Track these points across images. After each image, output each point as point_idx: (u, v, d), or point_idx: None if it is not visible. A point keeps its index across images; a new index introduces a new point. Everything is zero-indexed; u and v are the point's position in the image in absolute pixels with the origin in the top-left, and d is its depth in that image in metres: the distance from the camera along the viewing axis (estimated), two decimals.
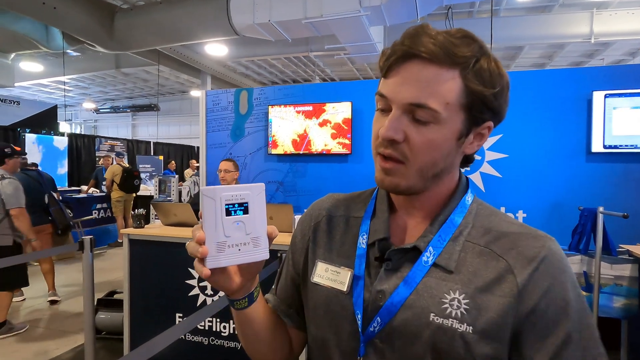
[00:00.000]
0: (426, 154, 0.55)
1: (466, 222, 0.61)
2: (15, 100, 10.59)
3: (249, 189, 0.53)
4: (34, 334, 3.39)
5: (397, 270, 0.59)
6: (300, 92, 3.80)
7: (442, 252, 0.58)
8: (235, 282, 0.58)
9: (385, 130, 0.55)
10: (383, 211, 0.65)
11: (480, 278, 0.56)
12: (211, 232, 0.51)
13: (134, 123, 18.10)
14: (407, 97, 0.54)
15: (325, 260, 0.66)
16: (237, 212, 0.52)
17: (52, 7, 6.43)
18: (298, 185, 3.85)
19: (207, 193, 0.51)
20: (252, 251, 0.53)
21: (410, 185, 0.57)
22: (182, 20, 7.02)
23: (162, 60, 9.76)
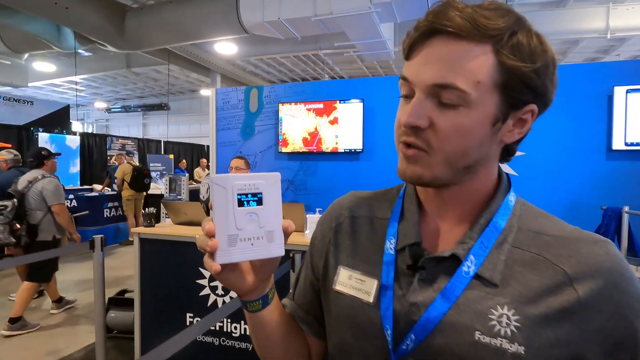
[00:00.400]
0: (454, 141, 0.49)
1: (510, 225, 0.54)
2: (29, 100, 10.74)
3: (264, 178, 0.48)
4: (46, 332, 3.40)
5: (432, 281, 0.52)
6: (311, 90, 3.76)
7: (485, 261, 0.51)
8: (248, 282, 0.53)
9: (407, 116, 0.49)
10: (413, 212, 0.59)
11: (533, 290, 0.49)
12: (222, 224, 0.46)
13: (145, 122, 18.26)
14: (430, 77, 0.48)
15: (349, 267, 0.60)
16: (250, 203, 0.47)
17: (64, 7, 6.47)
18: (309, 184, 3.81)
19: (218, 181, 0.46)
20: (266, 246, 0.48)
21: (436, 176, 0.51)
22: (192, 19, 7.02)
23: (172, 60, 9.80)
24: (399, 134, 0.53)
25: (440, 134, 0.49)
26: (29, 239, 3.42)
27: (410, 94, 0.51)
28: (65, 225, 3.60)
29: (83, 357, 2.94)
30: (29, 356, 2.96)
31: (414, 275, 0.53)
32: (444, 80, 0.47)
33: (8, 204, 3.36)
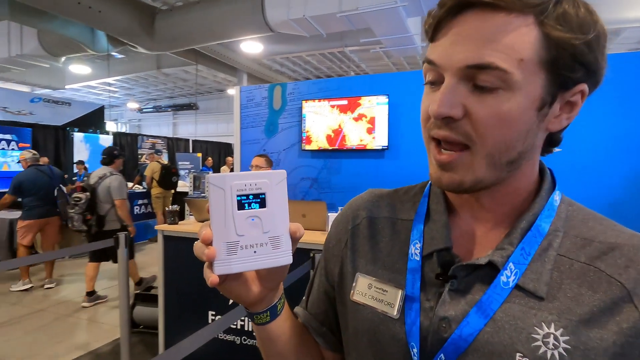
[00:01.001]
0: (496, 132, 0.41)
1: (555, 229, 0.46)
2: (67, 102, 11.23)
3: (267, 176, 0.42)
4: (77, 326, 3.51)
5: (466, 291, 0.45)
6: (335, 86, 3.69)
7: (527, 270, 0.44)
8: (254, 292, 0.47)
9: (437, 105, 0.42)
10: (440, 213, 0.51)
11: (585, 307, 0.41)
12: (220, 230, 0.41)
13: (175, 122, 18.74)
14: (464, 57, 0.41)
15: (369, 274, 0.53)
16: (251, 206, 0.42)
17: (97, 11, 6.70)
18: (332, 182, 3.75)
19: (215, 181, 0.41)
20: (271, 254, 0.42)
21: (478, 179, 0.44)
22: (219, 19, 7.11)
23: (200, 60, 9.97)
24: (427, 127, 0.45)
25: (479, 124, 0.41)
26: (98, 228, 3.81)
27: (438, 79, 0.44)
28: (124, 218, 3.91)
29: (111, 350, 3.01)
30: (62, 348, 3.06)
31: (444, 286, 0.46)
32: (481, 59, 0.40)
33: (82, 196, 3.79)
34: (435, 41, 0.44)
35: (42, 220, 4.38)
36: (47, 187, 4.44)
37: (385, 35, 7.13)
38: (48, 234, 4.50)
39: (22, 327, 3.45)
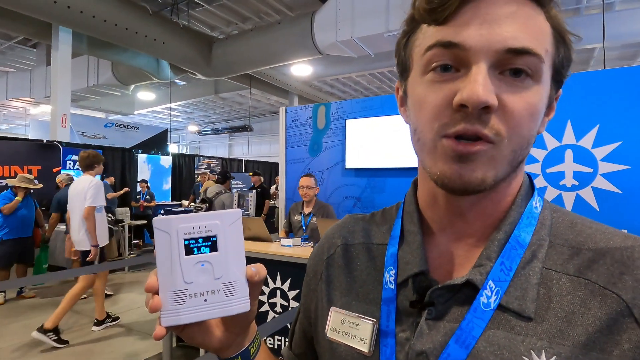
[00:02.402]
0: (525, 126, 0.37)
1: (539, 239, 0.41)
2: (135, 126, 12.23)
3: (218, 217, 0.39)
4: (128, 336, 3.68)
5: (444, 319, 0.40)
6: (379, 104, 3.66)
7: (510, 287, 0.38)
8: (218, 338, 0.43)
9: (479, 91, 0.34)
10: (414, 233, 0.45)
11: (579, 328, 0.35)
12: (166, 278, 0.38)
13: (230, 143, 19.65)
14: (503, 39, 0.35)
15: (343, 307, 0.48)
16: (201, 250, 0.38)
17: (161, 42, 7.30)
18: (376, 201, 3.67)
19: (160, 225, 0.38)
20: (225, 302, 0.38)
21: (498, 177, 0.38)
22: (271, 45, 7.44)
23: (254, 84, 10.44)
24: (441, 123, 0.37)
25: (513, 117, 0.36)
26: None
27: (457, 64, 0.37)
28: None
29: None
30: (111, 357, 3.21)
31: (421, 314, 0.41)
32: (522, 43, 0.35)
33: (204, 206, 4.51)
34: (451, 22, 0.37)
35: None
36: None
37: None
38: None
39: (80, 334, 3.68)
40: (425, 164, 0.40)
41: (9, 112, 13.97)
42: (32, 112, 13.35)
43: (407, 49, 0.42)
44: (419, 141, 0.40)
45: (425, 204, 0.46)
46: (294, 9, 7.66)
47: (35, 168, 6.69)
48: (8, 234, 4.50)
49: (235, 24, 8.24)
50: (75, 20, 6.27)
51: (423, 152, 0.40)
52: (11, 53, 9.86)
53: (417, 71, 0.40)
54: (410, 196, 0.49)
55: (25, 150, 6.83)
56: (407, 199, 0.50)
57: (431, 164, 0.39)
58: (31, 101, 11.02)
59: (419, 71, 0.40)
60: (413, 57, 0.41)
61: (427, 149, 0.39)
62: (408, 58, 0.42)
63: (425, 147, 0.39)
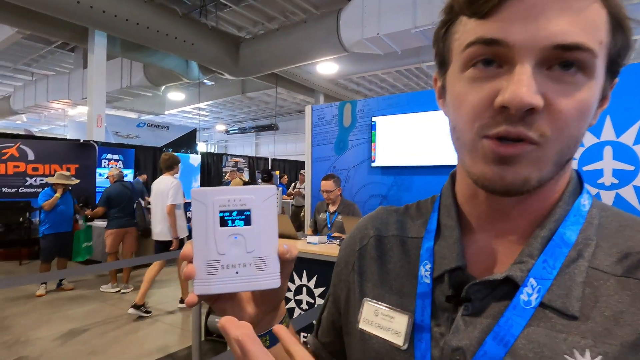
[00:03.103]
0: (574, 126, 0.35)
1: (585, 238, 0.39)
2: (166, 126, 12.59)
3: (253, 192, 0.39)
4: (159, 329, 3.80)
5: (481, 315, 0.39)
6: (406, 102, 3.60)
7: (553, 285, 0.37)
8: (248, 314, 0.43)
9: (522, 93, 0.32)
10: (451, 228, 0.44)
11: (627, 327, 0.34)
12: (200, 248, 0.39)
13: (257, 142, 19.91)
14: (551, 34, 0.33)
15: (376, 299, 0.47)
16: (235, 223, 0.39)
17: (190, 44, 7.47)
18: (403, 200, 3.62)
19: (197, 196, 0.39)
20: (255, 276, 0.39)
21: (543, 178, 0.36)
22: (297, 44, 7.49)
23: (280, 83, 10.53)
24: (481, 124, 0.36)
25: (560, 117, 0.34)
26: None
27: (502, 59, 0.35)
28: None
29: (186, 355, 3.20)
30: (144, 349, 3.33)
31: (457, 310, 0.40)
32: (573, 38, 0.33)
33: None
34: (493, 15, 0.34)
35: (122, 230, 4.91)
36: (129, 201, 4.99)
37: None
38: (126, 243, 5.01)
39: (115, 326, 3.83)
40: (465, 163, 0.39)
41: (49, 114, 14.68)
42: (70, 113, 13.98)
43: (445, 41, 0.41)
44: (459, 140, 0.39)
45: (464, 198, 0.45)
46: (320, 7, 7.66)
47: (73, 166, 7.00)
48: (49, 229, 4.74)
49: (261, 23, 8.33)
50: (109, 24, 6.52)
51: (462, 151, 0.39)
52: (51, 57, 10.36)
53: (457, 66, 0.38)
54: (448, 190, 0.48)
55: (63, 149, 7.17)
56: (444, 192, 0.49)
57: (471, 164, 0.38)
58: (69, 103, 11.55)
59: (458, 67, 0.38)
60: (452, 51, 0.39)
61: (467, 148, 0.38)
62: (447, 51, 0.40)
63: (464, 147, 0.38)
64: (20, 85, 12.35)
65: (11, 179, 6.57)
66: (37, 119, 16.13)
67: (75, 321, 3.93)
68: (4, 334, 3.61)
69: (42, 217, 4.79)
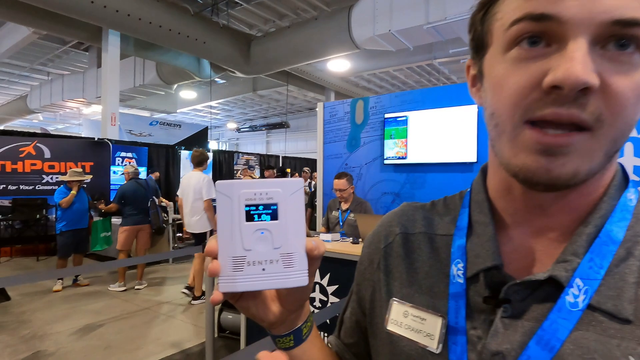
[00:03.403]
0: (630, 111, 0.32)
1: (634, 235, 0.36)
2: (178, 124, 12.70)
3: (280, 185, 0.38)
4: (173, 325, 3.84)
5: (522, 318, 0.36)
6: (419, 98, 3.56)
7: (601, 286, 0.34)
8: (273, 312, 0.42)
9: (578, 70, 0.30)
10: (485, 224, 0.42)
11: None
12: (226, 243, 0.37)
13: (268, 140, 19.97)
14: (611, 8, 0.30)
15: (404, 299, 0.45)
16: (261, 217, 0.37)
17: (202, 42, 7.51)
18: (416, 197, 3.59)
19: (223, 189, 0.37)
20: (283, 273, 0.37)
21: (592, 170, 0.33)
22: (308, 41, 7.47)
23: (291, 80, 10.53)
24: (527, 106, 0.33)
25: (617, 99, 0.31)
26: None
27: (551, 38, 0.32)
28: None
29: (199, 352, 3.22)
30: (158, 344, 3.37)
31: (495, 312, 0.37)
32: (632, 13, 0.30)
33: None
34: None
35: (136, 227, 4.95)
36: (143, 198, 5.04)
37: None
38: (140, 240, 5.05)
39: (130, 321, 3.88)
40: (503, 154, 0.36)
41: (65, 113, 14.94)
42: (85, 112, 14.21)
43: (484, 23, 0.38)
44: (497, 127, 0.36)
45: (497, 193, 0.42)
46: (331, 4, 7.63)
47: (88, 164, 7.11)
48: (66, 225, 4.82)
49: (273, 21, 8.34)
50: (122, 23, 6.59)
51: (501, 140, 0.36)
52: (66, 57, 10.53)
53: (498, 48, 0.36)
54: (478, 184, 0.45)
55: (78, 147, 7.29)
56: (474, 187, 0.46)
57: (511, 155, 0.35)
58: (84, 102, 11.73)
59: (500, 48, 0.35)
60: (493, 32, 0.37)
61: (507, 137, 0.35)
62: (486, 33, 0.38)
63: (504, 135, 0.35)
64: (36, 85, 12.58)
65: (28, 176, 6.71)
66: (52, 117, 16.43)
67: (91, 316, 4.00)
68: (22, 328, 3.68)
69: (58, 214, 4.87)
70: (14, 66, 10.85)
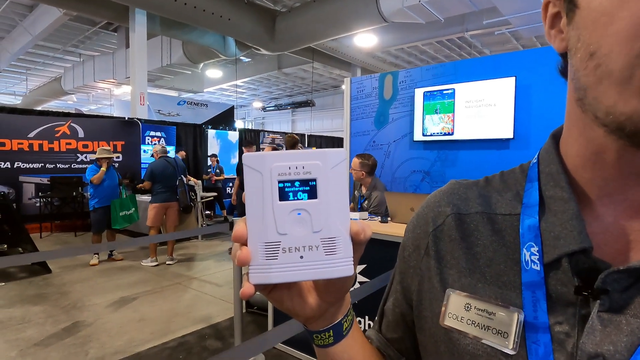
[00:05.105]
0: None
1: None
2: (205, 103, 12.81)
3: (319, 157, 0.32)
4: (202, 300, 3.94)
5: (625, 313, 0.30)
6: (452, 71, 3.39)
7: None
8: (310, 306, 0.36)
9: None
10: (564, 200, 0.35)
11: None
12: (256, 227, 0.32)
13: (294, 119, 19.91)
14: None
15: (464, 290, 0.38)
16: (297, 195, 0.32)
17: (227, 19, 7.44)
18: (447, 176, 3.46)
19: (251, 162, 0.32)
20: (324, 261, 0.32)
21: None
22: (333, 15, 7.25)
23: (316, 57, 10.34)
24: None
25: None
26: None
27: None
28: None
29: (228, 326, 3.29)
30: (190, 319, 3.47)
31: (588, 305, 0.31)
32: None
33: None
34: None
35: (165, 204, 5.06)
36: (172, 176, 5.12)
37: (514, 14, 6.34)
38: (169, 217, 5.17)
39: (162, 295, 4.01)
40: (606, 101, 0.28)
41: (97, 94, 15.34)
42: (115, 92, 14.54)
43: None
44: (598, 69, 0.28)
45: (581, 162, 0.35)
46: None
47: (119, 143, 7.30)
48: (98, 202, 4.99)
49: None
50: (148, 1, 6.59)
51: (602, 84, 0.28)
52: (96, 38, 10.71)
53: None
54: (550, 154, 0.38)
55: (110, 127, 7.47)
56: (544, 158, 0.39)
57: (618, 100, 0.28)
58: (114, 82, 11.97)
59: None
60: None
61: (616, 79, 0.27)
62: None
63: (610, 77, 0.28)
64: (69, 67, 12.92)
65: (64, 155, 6.96)
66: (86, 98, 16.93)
67: (126, 289, 4.16)
68: (63, 299, 3.87)
69: (91, 191, 5.03)
70: (48, 48, 11.15)
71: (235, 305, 2.51)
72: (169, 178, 5.10)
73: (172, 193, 5.14)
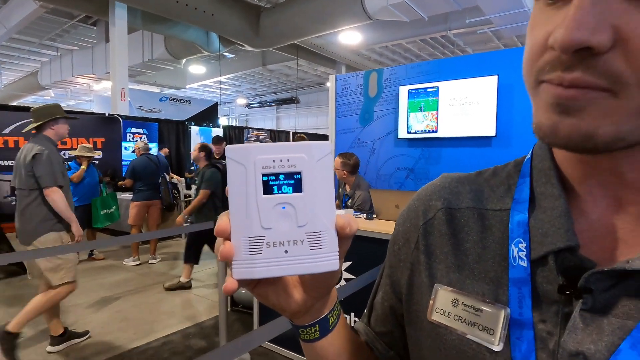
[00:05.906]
0: None
1: None
2: (188, 100, 12.61)
3: (305, 149, 0.31)
4: (189, 299, 3.90)
5: (609, 313, 0.30)
6: (436, 69, 3.42)
7: None
8: (296, 300, 0.36)
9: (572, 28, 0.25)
10: (553, 197, 0.35)
11: None
12: (240, 221, 0.31)
13: (278, 115, 19.81)
14: None
15: (452, 285, 0.38)
16: (282, 189, 0.31)
17: (210, 14, 7.33)
18: (431, 173, 3.51)
19: (234, 155, 0.31)
20: (309, 256, 0.31)
21: (621, 136, 0.27)
22: (318, 11, 7.24)
23: (301, 54, 10.30)
24: (538, 68, 0.29)
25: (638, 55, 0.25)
26: None
27: None
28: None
29: (213, 325, 3.27)
30: (174, 317, 3.43)
31: (572, 303, 0.31)
32: None
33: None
34: None
35: (147, 202, 4.97)
36: (154, 174, 5.03)
37: (496, 13, 6.44)
38: (151, 215, 5.09)
39: (145, 295, 3.95)
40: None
41: (75, 89, 14.93)
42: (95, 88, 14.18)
43: None
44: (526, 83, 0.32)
45: (566, 158, 0.36)
46: None
47: (99, 140, 7.12)
48: (78, 201, 4.85)
49: None
50: None
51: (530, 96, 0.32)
52: (74, 32, 10.40)
53: None
54: (542, 149, 0.38)
55: (90, 123, 7.27)
56: (537, 153, 0.39)
57: (534, 112, 0.31)
58: (94, 77, 11.67)
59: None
60: None
61: (530, 94, 0.31)
62: None
63: (530, 92, 0.32)
64: (46, 61, 12.53)
65: None
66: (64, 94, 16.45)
67: (108, 289, 4.08)
68: None
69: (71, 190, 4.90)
70: (23, 42, 10.78)
71: (220, 303, 2.49)
72: (151, 176, 5.01)
73: (155, 191, 5.05)
